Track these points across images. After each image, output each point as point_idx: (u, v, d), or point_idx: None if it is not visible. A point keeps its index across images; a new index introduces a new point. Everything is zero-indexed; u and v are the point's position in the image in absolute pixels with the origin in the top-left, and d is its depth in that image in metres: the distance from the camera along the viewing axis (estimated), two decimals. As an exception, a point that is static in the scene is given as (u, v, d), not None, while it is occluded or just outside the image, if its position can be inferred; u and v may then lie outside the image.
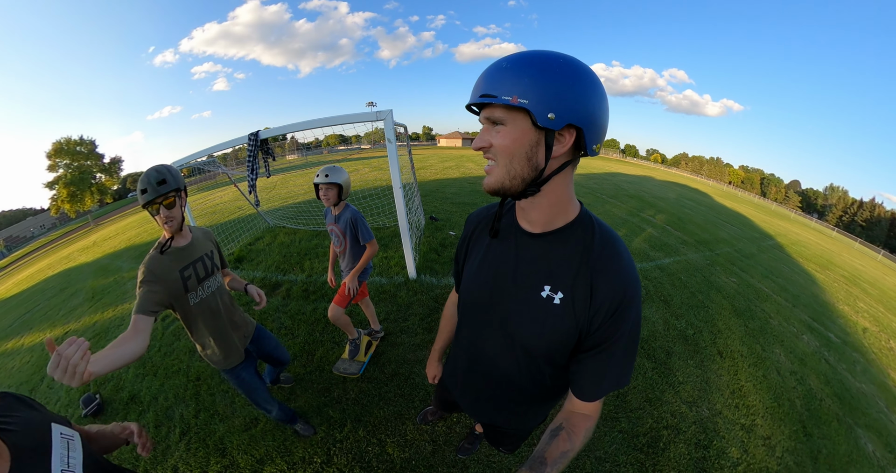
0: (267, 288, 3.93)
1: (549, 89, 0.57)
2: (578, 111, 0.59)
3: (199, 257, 1.47)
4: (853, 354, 4.72)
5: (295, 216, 6.78)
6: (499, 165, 0.66)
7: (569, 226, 0.73)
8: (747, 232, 11.56)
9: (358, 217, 2.20)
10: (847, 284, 9.19)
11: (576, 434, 0.73)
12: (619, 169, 25.40)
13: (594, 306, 0.69)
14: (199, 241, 1.51)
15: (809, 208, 56.69)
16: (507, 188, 0.67)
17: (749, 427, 2.66)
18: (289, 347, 2.88)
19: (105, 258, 7.91)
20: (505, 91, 0.58)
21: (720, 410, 2.72)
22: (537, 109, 0.57)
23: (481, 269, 0.86)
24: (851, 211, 49.50)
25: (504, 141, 0.63)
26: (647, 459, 2.14)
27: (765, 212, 25.05)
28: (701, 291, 4.84)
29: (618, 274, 0.69)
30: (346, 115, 3.15)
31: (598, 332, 0.70)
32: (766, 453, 2.48)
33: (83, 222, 29.25)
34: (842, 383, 3.81)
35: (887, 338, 5.99)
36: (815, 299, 6.57)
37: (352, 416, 2.23)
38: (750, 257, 7.91)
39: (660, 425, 2.40)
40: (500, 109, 0.61)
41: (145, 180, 1.30)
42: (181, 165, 4.45)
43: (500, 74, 0.60)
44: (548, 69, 0.57)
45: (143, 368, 2.89)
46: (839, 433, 3.02)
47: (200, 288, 1.46)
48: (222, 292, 1.62)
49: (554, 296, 0.72)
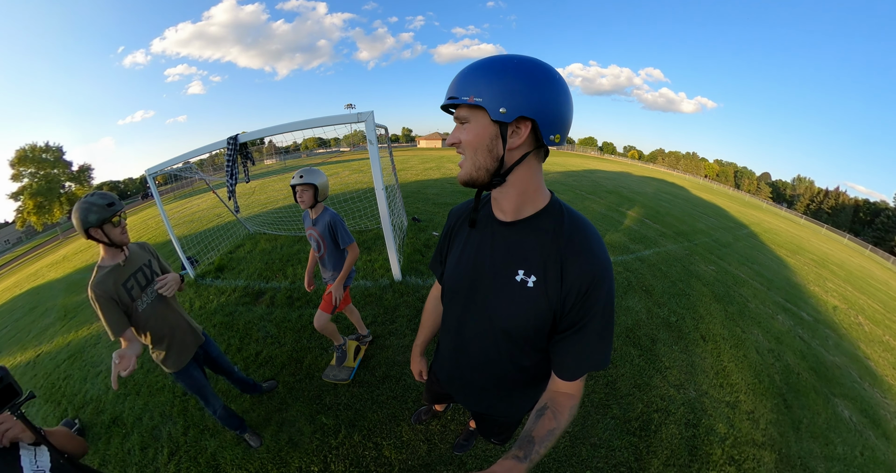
0: (250, 297, 3.85)
1: (500, 87, 0.64)
2: (530, 105, 0.64)
3: (137, 268, 1.62)
4: (825, 330, 4.99)
5: (275, 222, 6.64)
6: (467, 158, 0.73)
7: (539, 214, 0.78)
8: (723, 222, 12.04)
9: (337, 220, 2.16)
10: (816, 267, 9.69)
11: (560, 412, 0.76)
12: (597, 166, 25.93)
13: (565, 287, 0.73)
14: (136, 254, 1.65)
15: (779, 197, 59.38)
16: (475, 179, 0.74)
17: (734, 403, 2.77)
18: (276, 356, 2.84)
19: (77, 273, 7.57)
20: (465, 92, 0.67)
21: (706, 390, 2.82)
22: (490, 105, 0.64)
23: (462, 258, 0.90)
24: (818, 200, 52.35)
25: (468, 136, 0.70)
26: (641, 442, 2.21)
27: (739, 203, 26.10)
28: (681, 279, 5.01)
29: (586, 257, 0.73)
30: (327, 117, 3.09)
31: (571, 312, 0.74)
32: (752, 426, 2.60)
33: (52, 236, 27.58)
34: (816, 357, 4.03)
35: (856, 314, 6.34)
36: (788, 282, 6.91)
37: (346, 422, 2.20)
38: (727, 246, 8.24)
39: (650, 409, 2.47)
40: (464, 108, 0.69)
41: (110, 196, 1.47)
42: (157, 173, 4.25)
43: (463, 78, 0.68)
44: (501, 70, 0.65)
45: (125, 387, 2.76)
46: (817, 403, 3.20)
47: (144, 294, 1.61)
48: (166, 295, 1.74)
49: (527, 280, 0.77)
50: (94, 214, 1.41)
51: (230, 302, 3.76)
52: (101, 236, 1.46)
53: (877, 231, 40.15)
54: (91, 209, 1.41)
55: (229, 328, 3.28)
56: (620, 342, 3.22)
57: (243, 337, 3.13)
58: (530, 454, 0.68)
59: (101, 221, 1.43)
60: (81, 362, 3.35)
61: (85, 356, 3.43)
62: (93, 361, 3.29)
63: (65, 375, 3.18)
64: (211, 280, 4.39)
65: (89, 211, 1.41)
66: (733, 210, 17.14)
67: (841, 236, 30.56)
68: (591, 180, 15.48)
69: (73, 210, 1.44)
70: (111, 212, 1.45)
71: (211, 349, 1.99)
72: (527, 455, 0.68)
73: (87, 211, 1.41)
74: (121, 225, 1.51)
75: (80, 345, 3.72)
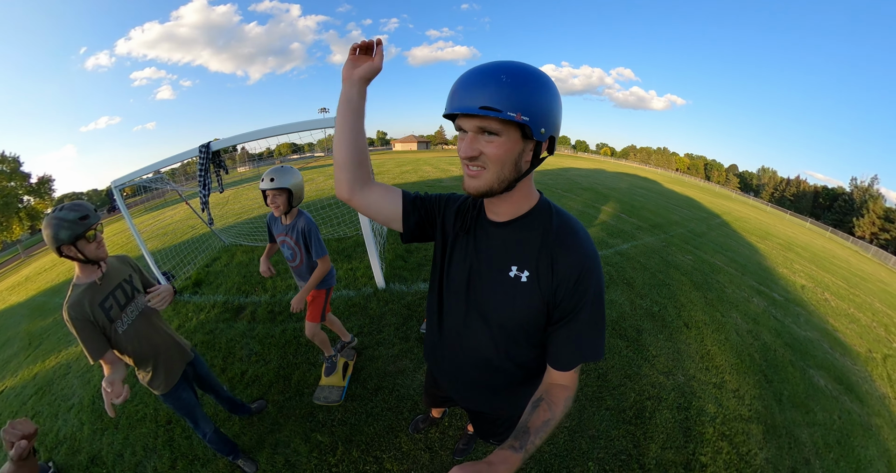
0: (230, 312, 3.71)
1: (543, 108, 0.66)
2: (557, 124, 0.70)
3: (117, 284, 1.50)
4: (796, 308, 5.28)
5: (251, 232, 6.42)
6: (489, 171, 0.72)
7: (530, 213, 0.82)
8: (696, 213, 12.57)
9: (312, 228, 1.99)
10: (783, 250, 10.25)
11: (555, 403, 0.77)
12: (571, 164, 26.62)
13: (556, 279, 0.76)
14: (115, 270, 1.53)
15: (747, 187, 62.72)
16: (495, 190, 0.74)
17: (720, 384, 2.89)
18: (262, 374, 2.74)
19: (41, 296, 7.06)
20: (512, 108, 0.63)
21: (693, 374, 2.92)
22: (535, 125, 0.66)
23: (457, 259, 0.93)
24: (781, 188, 56.06)
25: (498, 151, 0.69)
26: (637, 429, 2.27)
27: (710, 194, 27.30)
28: (661, 270, 5.18)
29: (575, 249, 0.77)
30: (301, 122, 2.98)
31: (563, 303, 0.77)
32: (738, 403, 2.73)
33: (12, 254, 25.05)
34: (790, 333, 4.26)
35: (822, 291, 6.74)
36: (759, 266, 7.27)
37: (342, 438, 2.14)
38: (701, 236, 8.60)
39: (642, 397, 2.54)
40: (496, 121, 0.65)
41: (83, 208, 1.35)
42: (124, 184, 4.03)
43: (500, 88, 0.63)
44: (542, 88, 0.66)
45: (101, 422, 2.60)
46: (794, 375, 3.40)
47: (125, 314, 1.50)
48: (150, 312, 1.63)
49: (521, 275, 0.80)
50: (66, 230, 1.28)
51: (210, 319, 3.61)
52: (75, 254, 1.33)
53: (835, 214, 42.98)
54: (62, 225, 1.28)
55: (211, 348, 3.15)
56: (607, 335, 3.27)
57: (227, 356, 3.01)
58: (525, 444, 0.69)
59: (75, 237, 1.30)
60: (51, 396, 3.12)
61: (54, 390, 3.20)
62: (63, 394, 3.07)
63: (33, 412, 2.95)
64: (189, 296, 4.22)
65: (60, 227, 1.27)
66: (705, 201, 17.92)
67: (803, 220, 32.54)
68: (567, 178, 15.83)
69: (43, 226, 1.31)
70: (85, 226, 1.32)
71: (199, 367, 1.89)
72: (522, 445, 0.69)
73: (58, 227, 1.27)
74: (97, 239, 1.38)
75: (48, 377, 3.46)
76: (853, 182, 44.86)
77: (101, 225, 1.41)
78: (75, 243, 1.32)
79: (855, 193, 43.94)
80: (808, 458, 2.46)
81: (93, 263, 1.41)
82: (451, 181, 12.05)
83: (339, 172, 0.88)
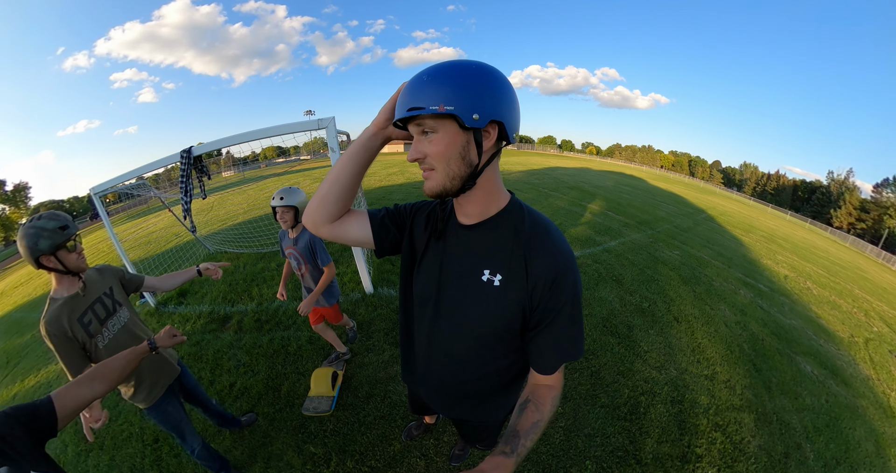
0: (217, 323, 3.62)
1: (469, 93, 0.63)
2: (497, 108, 0.65)
3: (96, 298, 1.45)
4: (780, 298, 5.42)
5: (236, 239, 6.25)
6: (437, 170, 0.70)
7: (500, 214, 0.79)
8: (682, 209, 12.83)
9: (317, 239, 2.17)
10: (766, 242, 10.54)
11: (542, 404, 0.76)
12: (557, 163, 26.77)
13: (531, 282, 0.74)
14: (94, 282, 1.48)
15: (730, 183, 64.38)
16: (449, 189, 0.72)
17: (711, 375, 2.94)
18: (251, 386, 2.65)
19: (18, 311, 6.77)
20: (431, 101, 0.63)
21: (685, 367, 2.96)
22: (463, 112, 0.63)
23: (427, 266, 0.89)
24: (762, 183, 58.19)
25: (438, 147, 0.68)
26: (632, 425, 2.28)
27: (695, 190, 27.94)
28: (649, 266, 5.25)
29: (548, 250, 0.74)
30: (286, 125, 2.93)
31: (540, 307, 0.75)
32: (729, 393, 2.78)
33: None
34: (776, 323, 4.38)
35: (804, 281, 6.94)
36: (744, 258, 7.45)
37: (335, 448, 2.09)
38: (687, 231, 8.78)
39: (636, 393, 2.56)
40: (428, 118, 0.66)
41: (62, 217, 1.31)
42: (104, 191, 3.87)
43: (422, 87, 0.65)
44: (464, 75, 0.64)
45: (86, 443, 2.50)
46: (782, 363, 3.49)
47: (105, 329, 1.45)
48: (133, 325, 1.59)
49: (493, 279, 0.77)
50: (46, 239, 1.24)
51: (196, 330, 3.52)
52: (54, 265, 1.29)
53: (814, 206, 44.64)
54: (41, 234, 1.24)
55: (199, 360, 3.07)
56: (598, 332, 3.30)
57: (214, 368, 2.93)
58: (517, 448, 0.69)
59: (54, 247, 1.26)
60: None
61: None
62: None
63: (12, 438, 2.83)
64: (174, 307, 4.11)
65: (39, 236, 1.24)
66: (690, 197, 18.33)
67: (784, 213, 33.54)
68: (553, 178, 15.94)
69: (19, 237, 1.26)
70: (65, 236, 1.28)
71: (187, 380, 1.84)
72: (513, 450, 0.68)
73: (37, 237, 1.23)
74: (77, 250, 1.35)
75: (29, 396, 3.32)
76: (830, 175, 46.72)
77: (79, 236, 1.38)
78: (55, 253, 1.28)
79: (832, 185, 45.73)
80: (799, 442, 2.52)
81: (73, 274, 1.37)
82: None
83: (318, 205, 0.86)
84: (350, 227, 0.89)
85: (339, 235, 0.90)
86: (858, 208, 39.88)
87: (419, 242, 0.91)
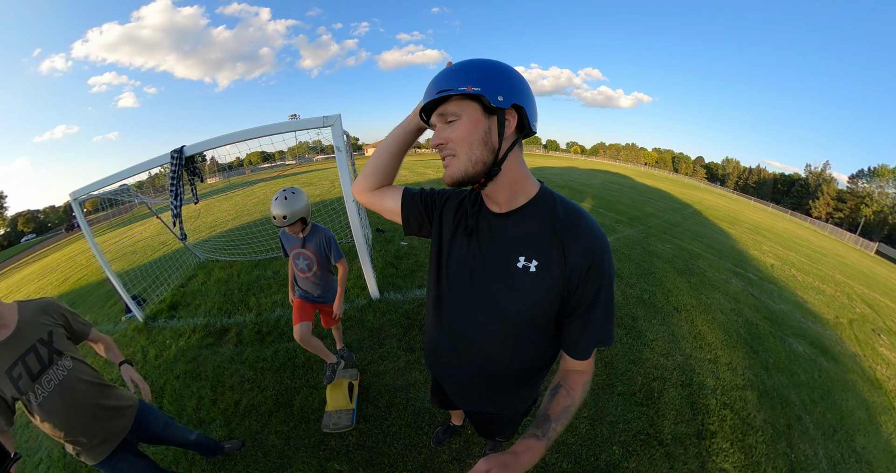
0: (213, 336, 3.35)
1: (495, 77, 0.68)
2: (520, 94, 0.69)
3: (29, 347, 1.18)
4: (769, 285, 5.73)
5: (227, 247, 5.99)
6: (459, 155, 0.72)
7: (532, 202, 0.80)
8: (670, 204, 13.24)
9: (329, 236, 2.08)
10: (752, 233, 10.99)
11: (574, 389, 0.78)
12: (543, 163, 27.02)
13: (568, 267, 0.74)
14: (29, 324, 1.22)
15: (713, 177, 66.40)
16: (471, 175, 0.72)
17: (714, 359, 3.14)
18: (259, 403, 2.43)
19: None
20: (459, 83, 0.67)
21: (690, 353, 3.15)
22: (489, 92, 0.66)
23: (459, 256, 0.89)
24: (744, 177, 60.60)
25: (461, 132, 0.70)
26: (649, 409, 2.42)
27: (680, 185, 28.71)
28: (645, 260, 5.46)
29: (585, 235, 0.75)
30: (290, 122, 2.86)
31: (577, 291, 0.75)
32: (732, 374, 2.99)
33: None
34: (767, 308, 4.65)
35: (789, 268, 7.31)
36: (733, 249, 7.79)
37: (361, 463, 1.97)
38: (677, 225, 9.09)
39: (648, 379, 2.70)
40: (453, 104, 0.70)
41: None
42: (84, 197, 3.53)
43: (451, 74, 0.70)
44: (489, 64, 0.70)
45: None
46: (776, 344, 3.74)
47: (38, 385, 1.18)
48: (76, 376, 1.29)
49: (529, 265, 0.77)
50: None
51: (191, 345, 3.23)
52: None
53: (793, 198, 46.62)
54: None
55: (197, 378, 2.78)
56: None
57: (215, 386, 2.67)
58: (548, 431, 0.70)
59: None
60: (17, 449, 2.78)
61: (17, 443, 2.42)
62: (28, 447, 2.55)
63: None
64: (165, 321, 3.78)
65: None
66: (676, 192, 18.85)
67: (766, 205, 34.82)
68: (541, 177, 15.24)
69: None
70: None
71: (153, 425, 1.53)
72: (545, 433, 0.70)
73: None
74: None
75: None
76: (808, 168, 48.87)
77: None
78: None
79: (810, 178, 47.77)
80: (799, 415, 2.73)
81: None
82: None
83: (362, 178, 0.98)
84: (386, 196, 0.99)
85: (375, 202, 1.00)
86: (835, 199, 41.80)
87: (447, 229, 0.92)
